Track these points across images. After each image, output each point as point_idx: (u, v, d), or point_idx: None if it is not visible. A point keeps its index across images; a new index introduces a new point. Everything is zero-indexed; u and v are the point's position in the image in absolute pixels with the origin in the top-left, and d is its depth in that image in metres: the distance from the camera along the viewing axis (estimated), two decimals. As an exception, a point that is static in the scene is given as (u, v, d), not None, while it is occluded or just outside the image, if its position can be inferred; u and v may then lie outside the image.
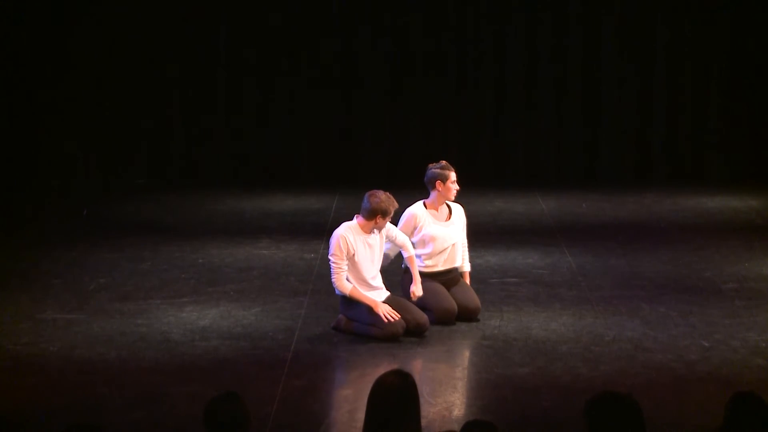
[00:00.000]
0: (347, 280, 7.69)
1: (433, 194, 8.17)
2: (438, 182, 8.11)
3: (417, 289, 7.86)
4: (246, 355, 7.49)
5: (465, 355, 7.44)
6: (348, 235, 7.66)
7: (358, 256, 7.67)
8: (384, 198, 7.68)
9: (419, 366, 7.33)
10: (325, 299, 8.58)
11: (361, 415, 4.52)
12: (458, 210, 8.27)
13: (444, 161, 8.25)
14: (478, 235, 11.05)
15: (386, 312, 7.60)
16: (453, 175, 8.14)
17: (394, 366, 7.05)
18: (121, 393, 6.73)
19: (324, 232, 10.85)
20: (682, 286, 9.13)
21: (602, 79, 14.48)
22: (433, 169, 8.17)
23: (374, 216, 7.66)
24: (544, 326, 8.03)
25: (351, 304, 7.74)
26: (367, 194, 7.72)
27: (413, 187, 8.27)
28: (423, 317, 7.77)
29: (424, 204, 8.19)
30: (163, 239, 10.82)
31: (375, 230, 7.72)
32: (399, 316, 7.64)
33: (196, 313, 8.34)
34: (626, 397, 4.25)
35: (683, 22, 14.36)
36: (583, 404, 4.26)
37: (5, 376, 7.03)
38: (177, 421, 6.32)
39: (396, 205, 7.78)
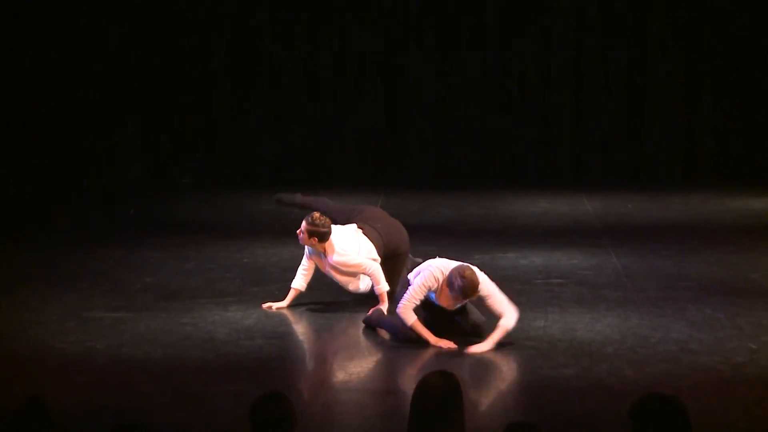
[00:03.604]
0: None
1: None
2: None
3: None
4: (290, 354, 7.51)
5: (509, 356, 7.41)
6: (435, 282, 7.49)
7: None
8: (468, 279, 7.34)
9: (463, 366, 7.31)
10: (369, 299, 8.58)
11: (405, 416, 4.52)
12: None
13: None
14: (521, 236, 11.04)
15: (446, 344, 7.53)
16: None
17: (438, 366, 7.05)
18: (166, 392, 6.77)
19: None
20: (729, 287, 9.05)
21: (648, 79, 14.40)
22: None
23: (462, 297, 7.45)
24: (589, 327, 7.99)
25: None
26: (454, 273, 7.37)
27: (459, 187, 8.25)
28: (480, 317, 7.73)
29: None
30: (208, 239, 10.88)
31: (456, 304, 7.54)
32: (456, 346, 7.49)
33: (240, 312, 8.38)
34: (672, 400, 4.22)
35: (729, 19, 14.23)
36: (629, 406, 4.24)
37: (53, 375, 7.10)
38: (222, 421, 6.34)
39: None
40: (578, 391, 6.78)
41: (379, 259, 8.36)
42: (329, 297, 8.79)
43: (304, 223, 8.20)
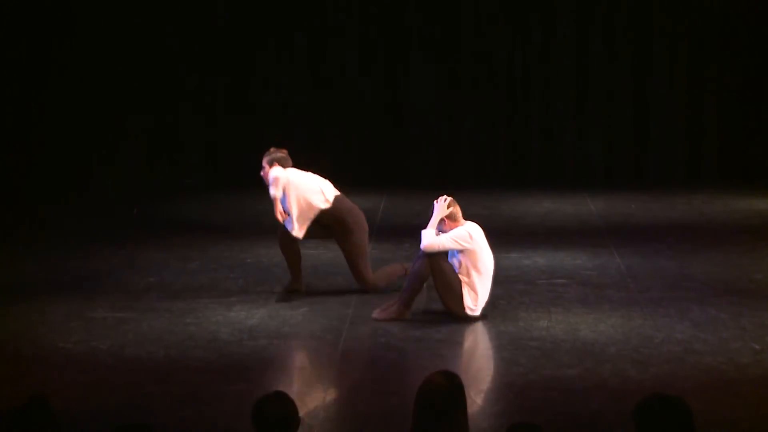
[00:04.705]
0: None
1: None
2: None
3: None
4: (293, 354, 7.52)
5: (512, 356, 7.41)
6: None
7: None
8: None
9: (466, 367, 7.31)
10: (373, 299, 8.59)
11: (408, 416, 4.52)
12: None
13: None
14: (525, 237, 11.03)
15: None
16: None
17: (442, 367, 7.05)
18: (169, 391, 6.78)
19: (372, 231, 10.84)
20: (733, 288, 9.04)
21: (652, 79, 14.39)
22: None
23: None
24: (593, 328, 7.99)
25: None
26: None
27: (463, 187, 8.26)
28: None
29: None
30: (211, 239, 10.89)
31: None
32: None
33: (244, 312, 8.38)
34: (676, 400, 4.22)
35: (734, 18, 14.20)
36: (632, 407, 4.24)
37: (56, 374, 7.11)
38: (225, 420, 6.35)
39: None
40: (582, 391, 6.78)
41: (339, 193, 9.00)
42: (332, 297, 8.80)
43: (263, 163, 8.87)
